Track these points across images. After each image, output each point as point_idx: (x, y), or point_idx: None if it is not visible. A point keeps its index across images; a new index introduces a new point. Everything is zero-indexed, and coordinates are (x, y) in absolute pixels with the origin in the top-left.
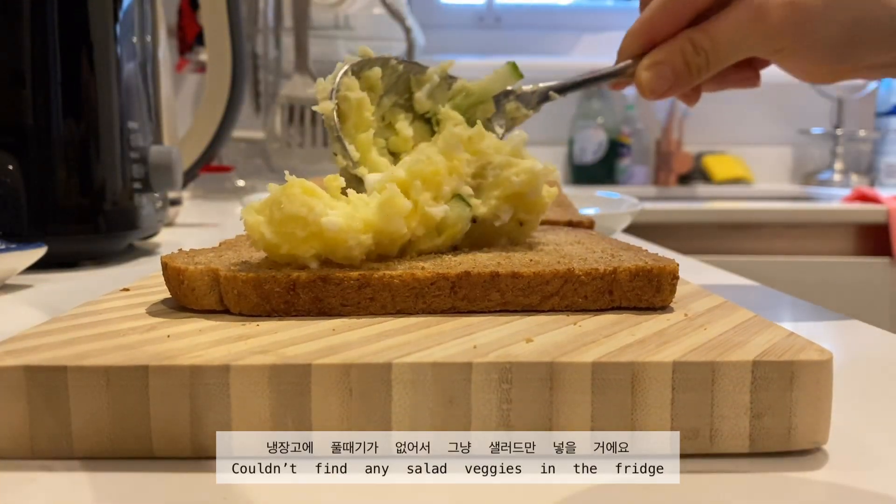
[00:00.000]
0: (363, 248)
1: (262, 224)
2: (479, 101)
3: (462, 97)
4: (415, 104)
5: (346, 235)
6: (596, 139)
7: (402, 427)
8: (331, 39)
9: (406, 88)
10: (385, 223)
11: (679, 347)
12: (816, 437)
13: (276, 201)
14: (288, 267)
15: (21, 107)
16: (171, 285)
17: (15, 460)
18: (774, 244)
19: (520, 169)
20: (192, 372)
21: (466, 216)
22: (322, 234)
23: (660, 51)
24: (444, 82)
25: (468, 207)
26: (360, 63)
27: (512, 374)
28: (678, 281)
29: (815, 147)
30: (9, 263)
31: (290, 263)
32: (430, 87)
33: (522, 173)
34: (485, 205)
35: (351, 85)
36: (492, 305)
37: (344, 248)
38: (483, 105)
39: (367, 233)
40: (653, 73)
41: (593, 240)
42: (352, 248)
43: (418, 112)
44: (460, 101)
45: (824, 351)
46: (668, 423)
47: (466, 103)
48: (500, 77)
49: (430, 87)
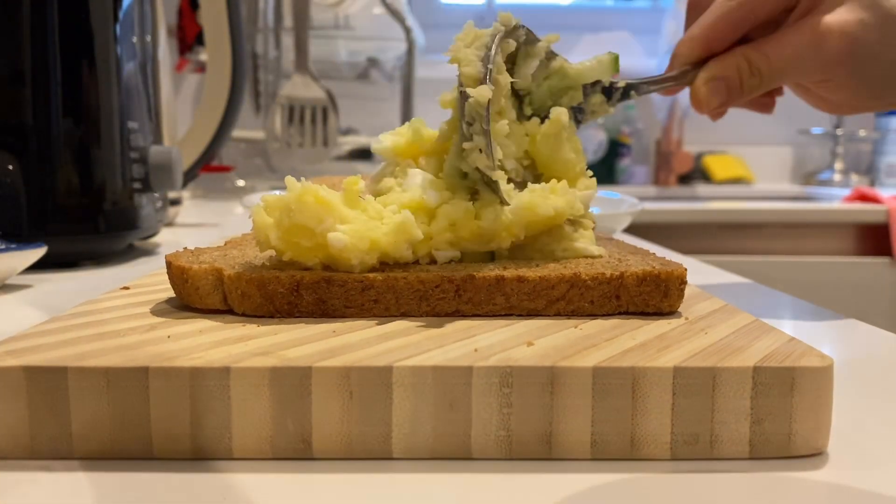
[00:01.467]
0: (365, 266)
1: (270, 228)
2: (571, 86)
3: (557, 79)
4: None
5: (350, 254)
6: (596, 139)
7: (403, 430)
8: (331, 39)
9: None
10: (393, 248)
11: (680, 352)
12: (816, 444)
13: (288, 208)
14: (291, 267)
15: (21, 107)
16: (174, 284)
17: (15, 460)
18: (774, 244)
19: (567, 247)
20: (192, 373)
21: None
22: (326, 246)
23: (718, 65)
24: (545, 59)
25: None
26: (503, 34)
27: (513, 378)
28: (686, 286)
29: (815, 147)
30: (9, 263)
31: (293, 264)
32: (536, 63)
33: (570, 252)
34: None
35: (500, 66)
36: (497, 309)
37: (346, 264)
38: (573, 91)
39: (371, 253)
40: (709, 88)
41: (600, 243)
42: (354, 266)
43: (516, 88)
44: (555, 83)
45: (825, 357)
46: (669, 429)
47: (561, 86)
48: (599, 66)
49: (537, 62)
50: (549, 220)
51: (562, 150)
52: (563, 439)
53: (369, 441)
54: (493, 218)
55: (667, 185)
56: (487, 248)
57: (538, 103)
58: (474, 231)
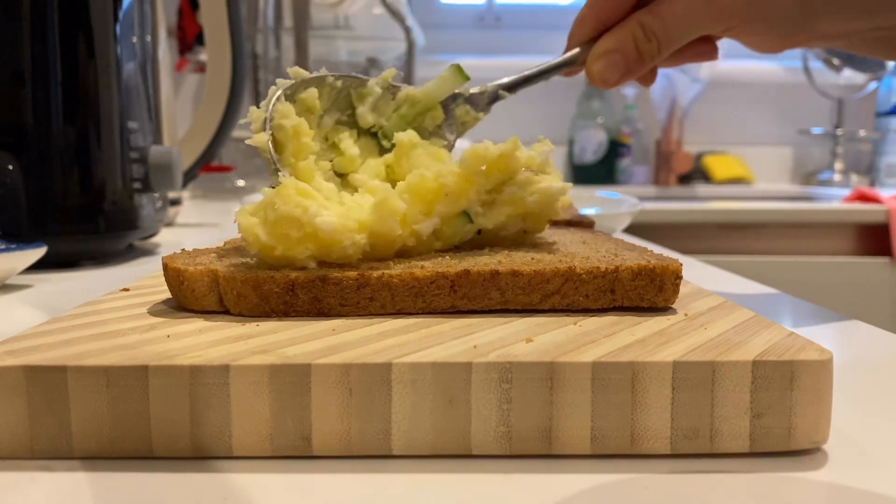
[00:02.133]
0: (358, 248)
1: (257, 226)
2: (426, 108)
3: (408, 107)
4: (358, 120)
5: (341, 236)
6: (596, 139)
7: (402, 427)
8: (331, 39)
9: (348, 104)
10: (379, 224)
11: (679, 347)
12: (816, 437)
13: (270, 203)
14: (286, 267)
15: (21, 107)
16: (171, 286)
17: (15, 460)
18: (774, 244)
19: (535, 189)
20: (191, 372)
21: (467, 230)
22: (317, 234)
23: (610, 37)
24: (387, 93)
25: (470, 223)
26: (293, 86)
27: (512, 373)
28: (681, 281)
29: (815, 147)
30: (9, 263)
31: (286, 266)
32: (373, 100)
33: (537, 193)
34: (491, 220)
35: (285, 112)
36: (492, 304)
37: (339, 248)
38: (431, 112)
39: (361, 233)
40: (604, 62)
41: (598, 240)
42: (346, 247)
43: (363, 127)
44: (406, 111)
45: (824, 351)
46: (669, 423)
47: (413, 112)
48: (445, 81)
49: (373, 100)
50: (500, 161)
51: (420, 162)
52: (563, 435)
53: (369, 438)
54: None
55: (667, 185)
56: (458, 205)
57: (395, 134)
58: (437, 191)
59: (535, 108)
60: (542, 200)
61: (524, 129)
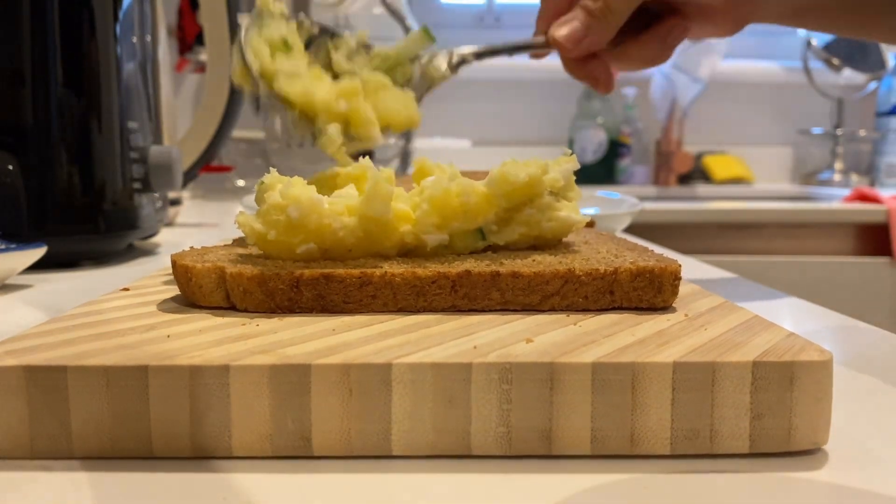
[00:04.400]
0: (349, 232)
1: (253, 220)
2: (397, 63)
3: (380, 61)
4: (333, 65)
5: (331, 219)
6: (596, 139)
7: (402, 427)
8: None
9: (326, 53)
10: (367, 207)
11: (679, 348)
12: (816, 438)
13: (260, 195)
14: (290, 263)
15: (21, 107)
16: (179, 283)
17: (15, 460)
18: (774, 244)
19: (553, 216)
20: (191, 372)
21: (477, 245)
22: (307, 217)
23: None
24: (361, 49)
25: (483, 240)
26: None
27: (512, 374)
28: (680, 282)
29: (815, 147)
30: (9, 263)
31: (286, 254)
32: (347, 51)
33: (554, 221)
34: (504, 238)
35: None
36: (492, 304)
37: (330, 233)
38: (401, 68)
39: (351, 216)
40: (563, 28)
41: (600, 240)
42: (337, 230)
43: (337, 73)
44: (378, 65)
45: (824, 351)
46: (669, 424)
47: (385, 66)
48: (414, 41)
49: (348, 50)
50: (526, 186)
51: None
52: (563, 435)
53: (369, 438)
54: (471, 192)
55: (667, 185)
56: (474, 223)
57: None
58: (456, 208)
59: (536, 108)
60: (557, 229)
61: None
